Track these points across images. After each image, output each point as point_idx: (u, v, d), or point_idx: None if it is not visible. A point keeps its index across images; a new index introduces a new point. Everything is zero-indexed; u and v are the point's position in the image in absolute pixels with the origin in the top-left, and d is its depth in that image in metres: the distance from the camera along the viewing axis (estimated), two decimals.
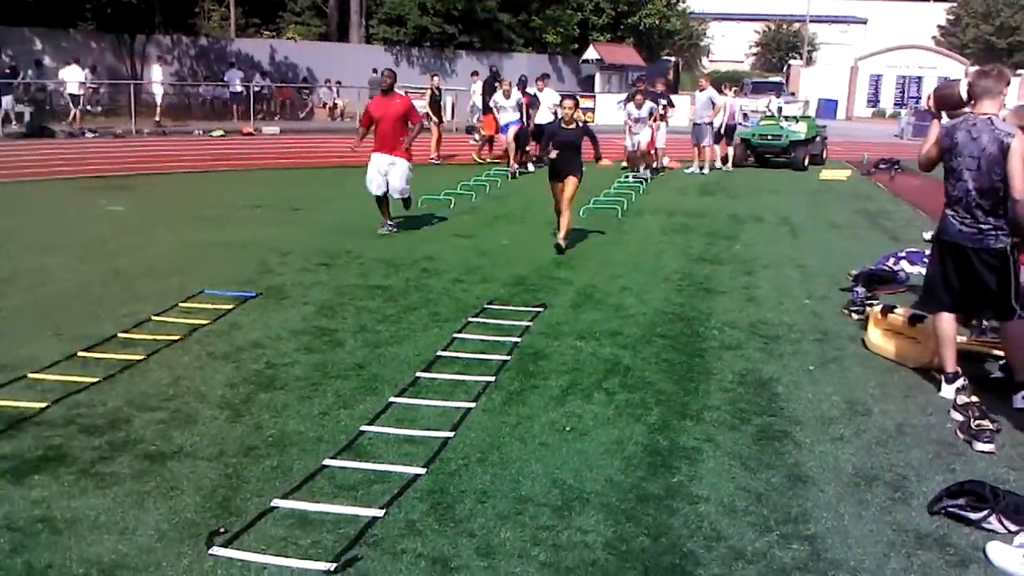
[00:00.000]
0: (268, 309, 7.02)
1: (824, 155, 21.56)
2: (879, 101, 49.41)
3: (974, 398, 5.07)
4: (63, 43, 30.23)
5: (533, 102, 18.34)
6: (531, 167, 18.04)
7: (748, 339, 6.58)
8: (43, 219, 11.03)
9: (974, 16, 65.48)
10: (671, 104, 19.55)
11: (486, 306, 7.25)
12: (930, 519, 3.88)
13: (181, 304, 7.04)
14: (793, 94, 38.63)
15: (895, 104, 47.52)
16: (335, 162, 18.05)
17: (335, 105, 32.13)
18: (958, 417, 4.98)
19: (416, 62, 35.80)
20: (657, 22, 41.44)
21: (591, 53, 37.77)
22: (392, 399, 5.10)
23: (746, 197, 15.01)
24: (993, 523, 3.78)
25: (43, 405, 4.85)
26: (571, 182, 9.56)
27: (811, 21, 61.19)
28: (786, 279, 8.70)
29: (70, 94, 26.01)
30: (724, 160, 19.87)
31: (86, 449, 4.34)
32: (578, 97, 11.02)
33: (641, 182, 16.23)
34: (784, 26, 69.59)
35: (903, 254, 9.20)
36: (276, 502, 3.83)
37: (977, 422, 4.79)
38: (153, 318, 6.62)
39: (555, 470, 4.25)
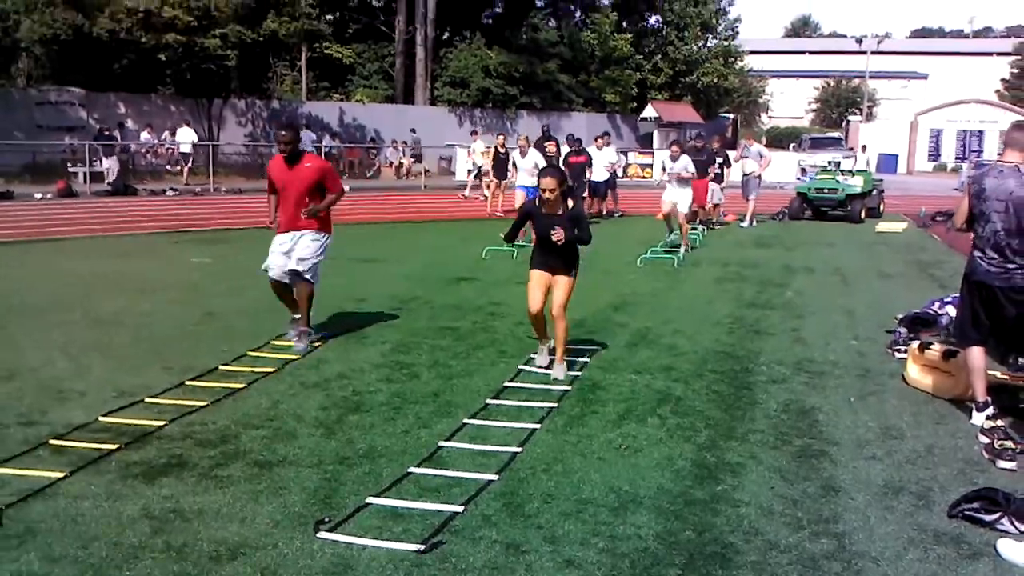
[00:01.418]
0: (349, 347, 7.70)
1: (881, 208, 21.89)
2: (940, 155, 49.35)
3: (1000, 422, 5.51)
4: (144, 107, 31.98)
5: (588, 160, 18.93)
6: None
7: (794, 374, 7.06)
8: (139, 268, 11.94)
9: None
10: (728, 163, 19.50)
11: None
12: (948, 521, 4.34)
13: (272, 342, 7.76)
14: (851, 149, 38.89)
15: (956, 158, 47.42)
16: (403, 218, 18.91)
17: (401, 164, 33.28)
18: (984, 439, 5.42)
19: (479, 122, 36.91)
20: (715, 80, 42.19)
21: (649, 111, 38.61)
22: (465, 420, 5.70)
23: (801, 249, 15.44)
24: (1005, 524, 4.22)
25: (162, 423, 5.55)
26: (563, 284, 6.82)
27: (871, 77, 61.43)
28: (834, 323, 9.14)
29: (182, 153, 28.10)
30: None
31: (203, 458, 5.01)
32: (563, 173, 7.18)
33: (675, 252, 14.20)
34: (844, 82, 69.89)
35: (948, 299, 9.55)
36: (370, 499, 4.44)
37: (1000, 442, 5.24)
38: (249, 353, 7.35)
39: (612, 479, 4.80)
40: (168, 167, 29.81)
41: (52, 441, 5.24)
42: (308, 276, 7.59)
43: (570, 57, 38.88)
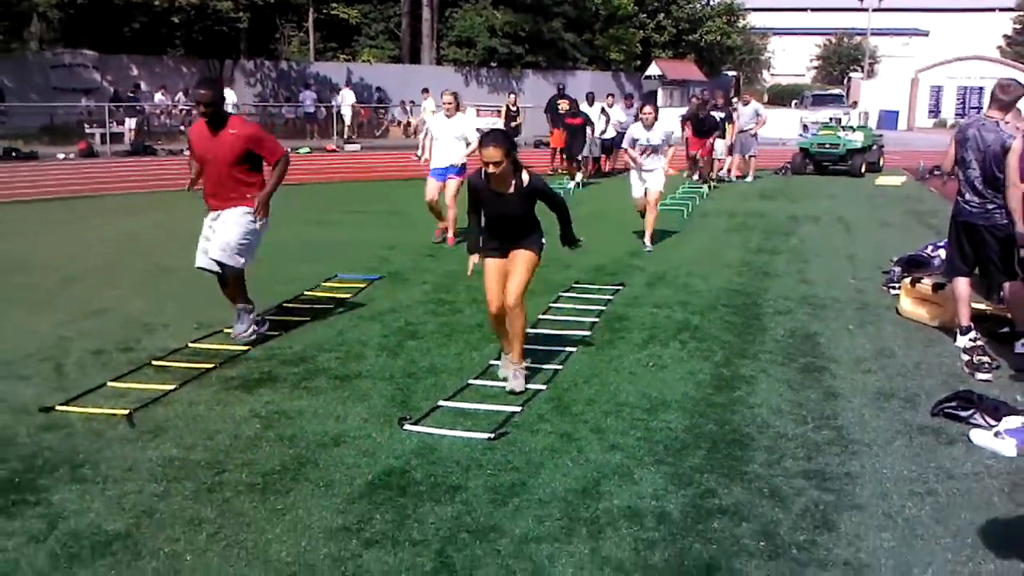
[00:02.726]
0: (394, 287, 8.47)
1: (881, 163, 22.54)
2: (940, 112, 49.80)
3: (980, 342, 6.29)
4: (156, 69, 32.47)
5: (586, 121, 19.17)
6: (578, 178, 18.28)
7: (798, 307, 7.83)
8: (181, 221, 12.66)
9: None
10: (730, 119, 19.41)
11: (573, 284, 8.59)
12: (931, 418, 5.13)
13: (323, 284, 8.53)
14: (854, 104, 39.37)
15: (956, 114, 47.88)
16: (414, 175, 19.58)
17: (409, 123, 33.81)
18: (965, 357, 6.20)
19: (485, 82, 37.40)
20: (718, 38, 42.60)
21: (653, 69, 39.06)
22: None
23: (805, 201, 16.15)
24: (977, 419, 5.00)
25: (245, 347, 6.33)
26: (522, 261, 5.57)
27: (872, 34, 61.62)
28: (836, 266, 9.90)
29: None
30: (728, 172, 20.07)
31: (290, 373, 5.80)
32: (509, 138, 5.49)
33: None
34: (845, 39, 70.02)
35: (941, 243, 10.29)
36: (441, 403, 5.24)
37: (979, 358, 6.03)
38: (305, 293, 8.13)
39: (643, 388, 5.59)
40: (182, 127, 30.40)
41: (154, 362, 6.03)
42: (231, 262, 6.32)
43: (574, 16, 39.18)
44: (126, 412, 5.05)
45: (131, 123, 26.30)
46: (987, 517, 3.93)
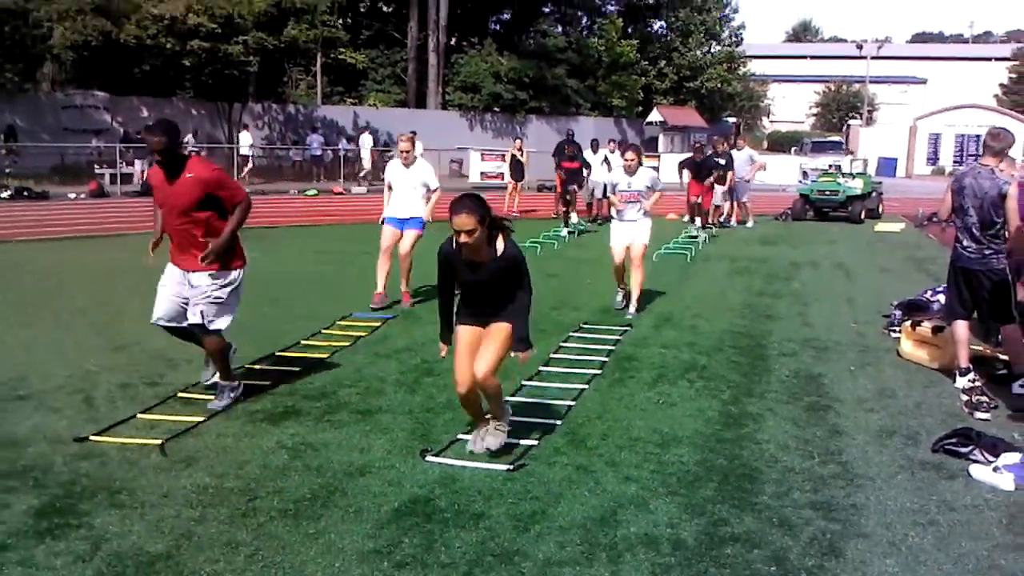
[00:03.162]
0: (408, 326, 8.70)
1: (880, 209, 22.88)
2: (938, 159, 50.35)
3: (978, 383, 6.51)
4: (166, 110, 32.92)
5: (583, 166, 19.49)
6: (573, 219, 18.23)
7: (802, 350, 8.05)
8: None
9: None
10: (731, 166, 19.40)
11: (582, 325, 8.82)
12: (931, 455, 5.33)
13: (339, 322, 8.75)
14: (852, 152, 39.90)
15: (954, 162, 48.40)
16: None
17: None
18: (964, 396, 6.42)
19: (489, 126, 37.99)
20: (719, 85, 43.26)
21: (655, 115, 39.69)
22: (523, 382, 6.70)
23: (805, 247, 16.43)
24: (977, 455, 5.20)
25: (268, 382, 6.55)
26: (497, 335, 5.12)
27: (871, 82, 62.48)
28: (836, 309, 10.13)
29: (242, 155, 29.94)
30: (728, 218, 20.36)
31: (313, 407, 6.01)
32: (483, 204, 4.83)
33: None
34: (844, 87, 70.97)
35: (940, 288, 10.54)
36: (461, 436, 5.44)
37: (977, 398, 6.25)
38: (323, 331, 8.35)
39: (654, 424, 5.79)
40: None
41: (181, 394, 6.24)
42: (211, 326, 5.96)
43: (578, 62, 39.95)
44: (159, 442, 5.25)
45: (140, 164, 26.69)
46: (986, 546, 4.13)
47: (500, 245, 4.92)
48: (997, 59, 74.46)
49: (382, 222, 9.89)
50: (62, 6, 26.31)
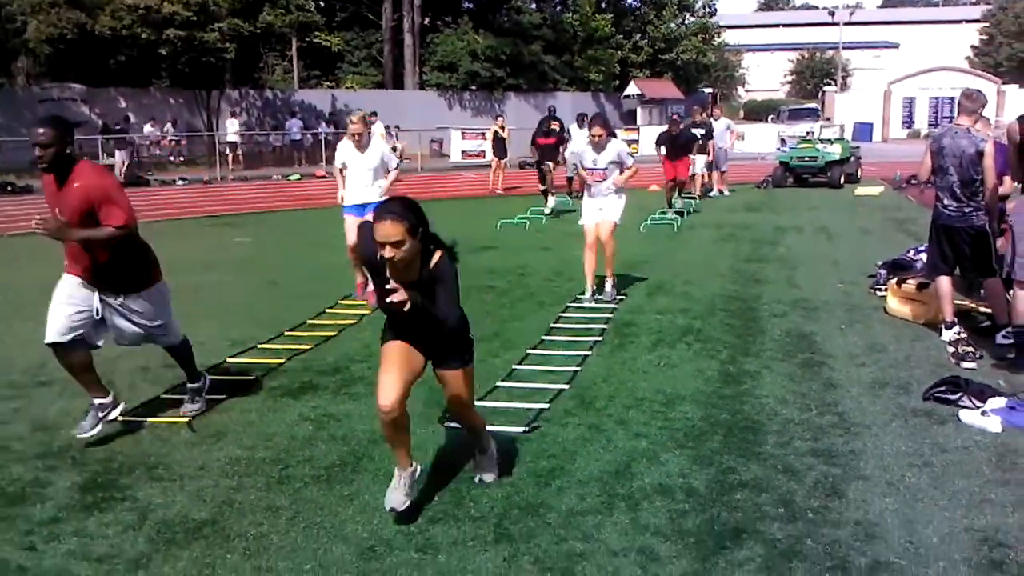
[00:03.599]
0: None
1: (859, 174, 23.21)
2: (913, 122, 50.79)
3: (963, 335, 6.81)
4: (144, 100, 32.91)
5: (559, 141, 19.32)
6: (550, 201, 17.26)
7: (792, 310, 8.34)
8: (190, 249, 13.10)
9: (1007, 35, 66.76)
10: (710, 135, 19.59)
11: (579, 295, 9.07)
12: (923, 402, 5.62)
13: (341, 302, 8.97)
14: (828, 119, 40.25)
15: (929, 124, 48.84)
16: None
17: (394, 148, 34.33)
18: (951, 348, 6.72)
19: (468, 105, 38.08)
20: (694, 57, 43.45)
21: (632, 89, 39.89)
22: (528, 351, 6.95)
23: (787, 212, 16.73)
24: (965, 401, 5.49)
25: (282, 360, 6.77)
26: (454, 383, 4.46)
27: (844, 48, 62.83)
28: (823, 271, 10.43)
29: (229, 141, 29.68)
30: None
31: (329, 382, 6.24)
32: (414, 211, 3.89)
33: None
34: (818, 54, 71.34)
35: (922, 248, 10.83)
36: (476, 402, 5.67)
37: (964, 348, 6.55)
38: (327, 310, 8.56)
39: (657, 385, 6.06)
40: (171, 158, 30.84)
41: None
42: (170, 339, 5.73)
43: (553, 38, 40.05)
44: (186, 419, 5.47)
45: (121, 155, 26.63)
46: (978, 482, 4.42)
47: (434, 258, 3.98)
48: (968, 21, 74.94)
49: (343, 212, 9.08)
50: None
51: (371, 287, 6.98)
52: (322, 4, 39.69)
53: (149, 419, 5.56)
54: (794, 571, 3.61)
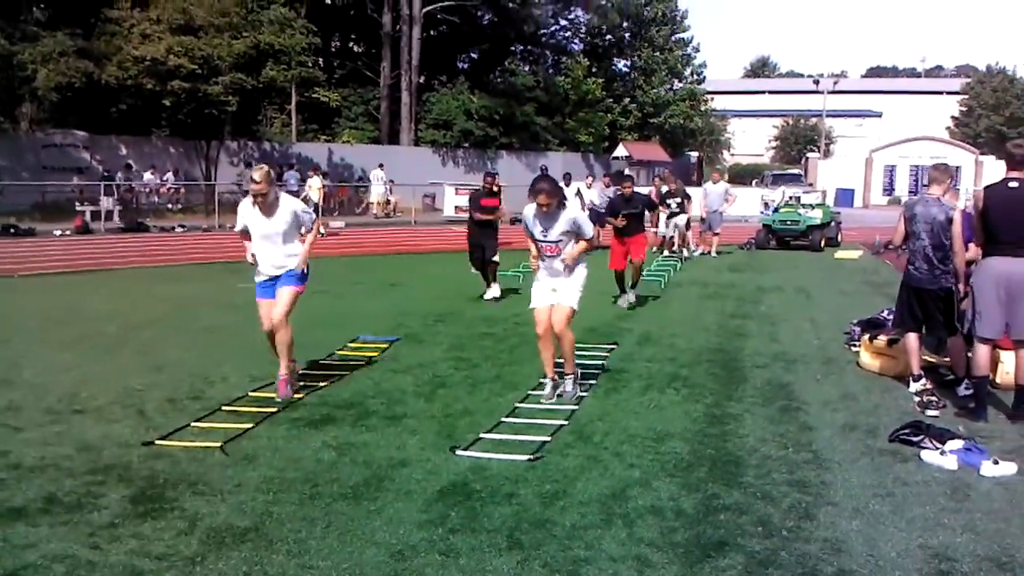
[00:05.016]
0: (413, 347, 9.48)
1: (839, 238, 24.05)
2: (894, 189, 52.05)
3: (929, 386, 7.42)
4: (145, 149, 33.64)
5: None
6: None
7: (772, 362, 8.93)
8: (197, 293, 13.63)
9: (985, 108, 68.64)
10: (688, 198, 20.30)
11: (532, 391, 9.62)
12: (888, 444, 6.19)
13: (349, 344, 9.52)
14: (811, 184, 41.33)
15: (909, 192, 50.08)
16: (400, 250, 20.77)
17: (388, 201, 35.11)
18: (916, 398, 7.32)
19: (461, 162, 38.98)
20: (681, 121, 44.64)
21: (620, 150, 40.94)
22: (529, 391, 7.51)
23: (769, 273, 17.43)
24: (926, 443, 6.07)
25: (300, 396, 7.30)
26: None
27: (828, 115, 64.44)
28: (801, 328, 11.05)
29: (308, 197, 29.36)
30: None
31: (346, 415, 6.78)
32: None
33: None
34: (802, 121, 73.02)
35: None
36: (483, 435, 6.23)
37: (928, 398, 7.16)
38: (337, 352, 9.11)
39: (648, 424, 6.62)
40: (170, 205, 31.47)
41: (224, 408, 6.98)
42: None
43: (546, 100, 41.18)
44: (218, 444, 5.99)
45: (107, 202, 27.05)
46: (934, 510, 4.98)
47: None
48: (948, 93, 77.04)
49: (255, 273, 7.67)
50: (46, 49, 26.92)
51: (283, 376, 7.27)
52: (321, 61, 40.73)
53: (184, 443, 6.06)
54: None
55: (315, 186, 27.94)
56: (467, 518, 4.80)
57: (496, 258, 13.37)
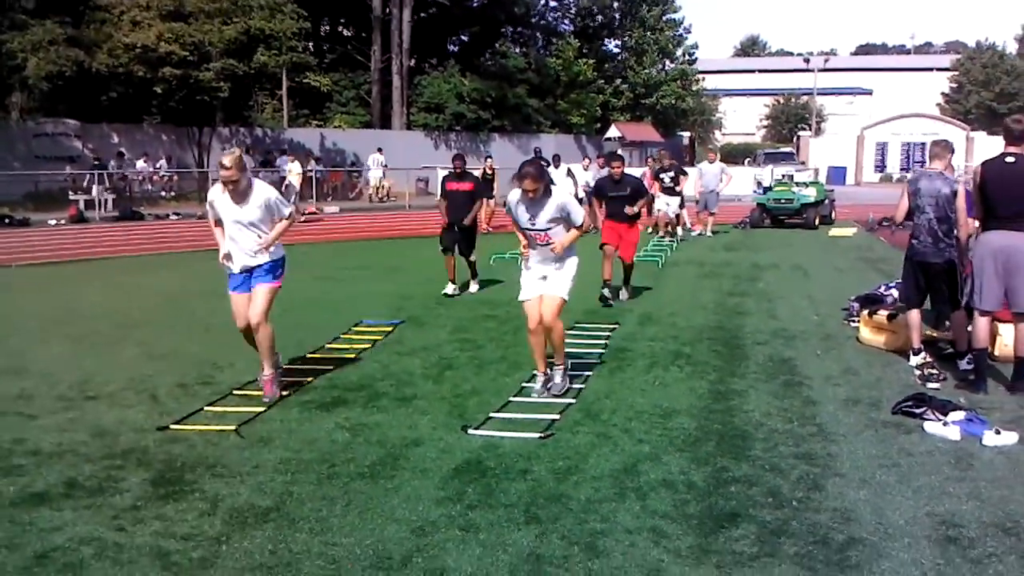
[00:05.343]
0: (418, 329, 9.56)
1: (833, 215, 24.16)
2: (885, 166, 52.23)
3: (929, 360, 7.54)
4: (137, 136, 33.56)
5: (476, 189, 19.74)
6: None
7: (772, 339, 9.04)
8: (198, 279, 13.68)
9: (975, 84, 68.76)
10: (684, 173, 20.16)
11: (575, 324, 9.73)
12: (891, 416, 6.31)
13: (354, 328, 9.60)
14: (803, 163, 41.47)
15: (901, 169, 50.29)
16: (395, 234, 20.81)
17: (381, 186, 35.12)
18: (917, 372, 7.44)
19: (453, 145, 38.94)
20: (673, 102, 44.65)
21: (613, 131, 40.93)
22: (534, 372, 7.59)
23: (764, 251, 17.54)
24: (929, 414, 6.19)
25: (309, 379, 7.38)
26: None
27: (819, 94, 64.47)
28: (799, 306, 11.16)
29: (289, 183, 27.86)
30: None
31: (357, 397, 6.87)
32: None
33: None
34: (793, 99, 73.02)
35: (893, 284, 11.60)
36: (493, 414, 6.33)
37: (929, 371, 7.28)
38: (342, 336, 9.18)
39: (655, 401, 6.72)
40: (163, 193, 31.43)
41: (236, 392, 7.06)
42: None
43: (537, 82, 41.14)
44: (233, 428, 6.08)
45: (100, 191, 26.98)
46: (938, 479, 5.10)
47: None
48: (938, 69, 77.10)
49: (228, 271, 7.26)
50: (35, 37, 26.81)
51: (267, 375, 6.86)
52: (312, 46, 40.59)
53: (199, 427, 6.14)
54: (783, 545, 4.26)
55: (294, 171, 27.55)
56: (483, 494, 4.90)
57: (474, 257, 12.58)
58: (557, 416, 6.29)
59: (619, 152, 26.22)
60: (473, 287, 12.45)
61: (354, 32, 44.70)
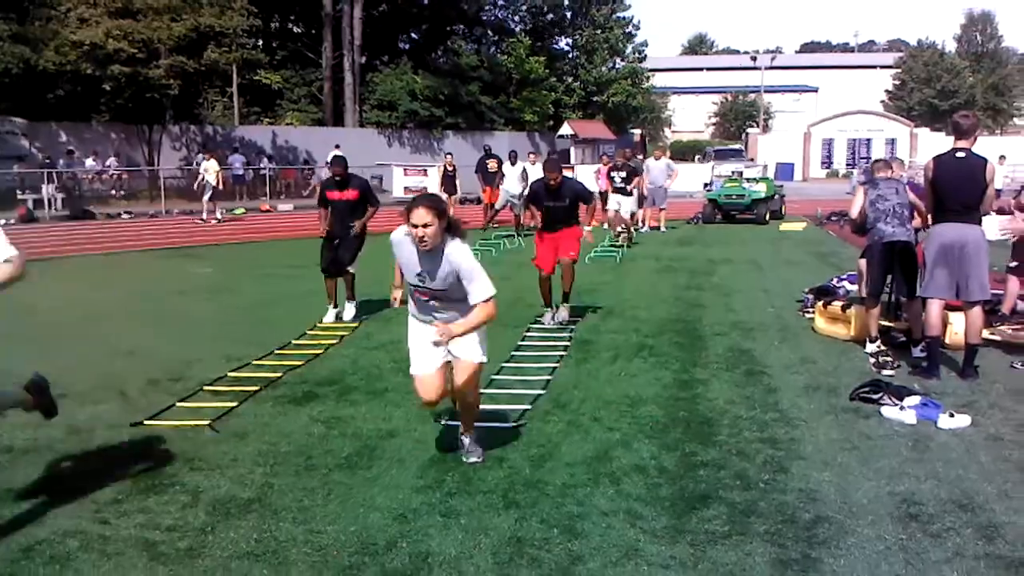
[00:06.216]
0: (384, 324, 9.64)
1: (783, 211, 24.64)
2: (832, 162, 53.17)
3: (884, 348, 7.81)
4: (86, 135, 33.03)
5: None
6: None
7: (731, 330, 9.27)
8: (157, 278, 13.60)
9: (917, 81, 70.17)
10: (636, 173, 19.75)
11: (538, 318, 9.88)
12: (849, 402, 6.55)
13: (319, 324, 9.64)
14: (752, 159, 42.07)
15: (847, 164, 51.23)
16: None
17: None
18: (872, 359, 7.70)
19: (407, 143, 38.94)
20: (624, 99, 45.03)
21: (565, 129, 41.19)
22: (503, 364, 7.73)
23: (718, 246, 17.86)
24: (886, 400, 6.43)
25: (279, 375, 7.44)
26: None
27: (766, 91, 65.40)
28: (755, 298, 11.42)
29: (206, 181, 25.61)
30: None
31: (328, 392, 6.94)
32: None
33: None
34: (740, 97, 74.00)
35: (844, 277, 11.92)
36: None
37: (883, 358, 7.54)
38: (308, 332, 9.23)
39: (622, 391, 6.89)
40: (113, 192, 31.00)
41: (206, 388, 7.09)
42: None
43: (490, 80, 41.26)
44: (207, 422, 6.12)
45: (48, 189, 26.56)
46: (897, 460, 5.33)
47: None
48: (882, 67, 78.59)
49: None
50: None
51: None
52: (262, 43, 40.28)
53: (173, 422, 6.17)
54: (753, 524, 4.44)
55: (212, 169, 25.95)
56: (462, 482, 5.02)
57: (353, 268, 10.52)
58: (528, 406, 6.43)
59: (567, 155, 26.22)
60: (349, 311, 10.20)
61: (305, 29, 44.44)
